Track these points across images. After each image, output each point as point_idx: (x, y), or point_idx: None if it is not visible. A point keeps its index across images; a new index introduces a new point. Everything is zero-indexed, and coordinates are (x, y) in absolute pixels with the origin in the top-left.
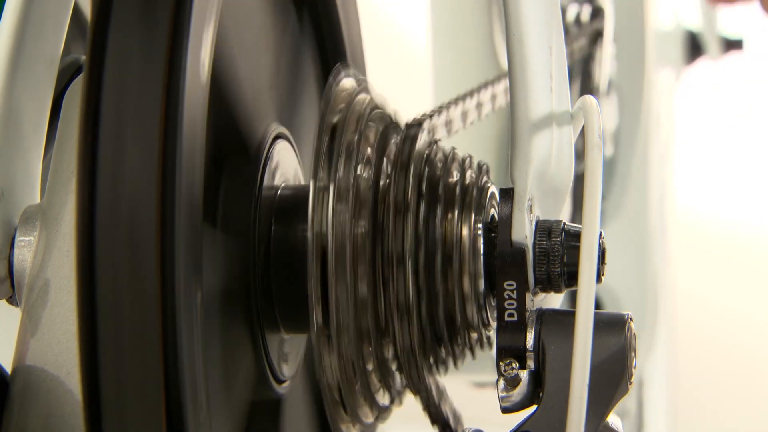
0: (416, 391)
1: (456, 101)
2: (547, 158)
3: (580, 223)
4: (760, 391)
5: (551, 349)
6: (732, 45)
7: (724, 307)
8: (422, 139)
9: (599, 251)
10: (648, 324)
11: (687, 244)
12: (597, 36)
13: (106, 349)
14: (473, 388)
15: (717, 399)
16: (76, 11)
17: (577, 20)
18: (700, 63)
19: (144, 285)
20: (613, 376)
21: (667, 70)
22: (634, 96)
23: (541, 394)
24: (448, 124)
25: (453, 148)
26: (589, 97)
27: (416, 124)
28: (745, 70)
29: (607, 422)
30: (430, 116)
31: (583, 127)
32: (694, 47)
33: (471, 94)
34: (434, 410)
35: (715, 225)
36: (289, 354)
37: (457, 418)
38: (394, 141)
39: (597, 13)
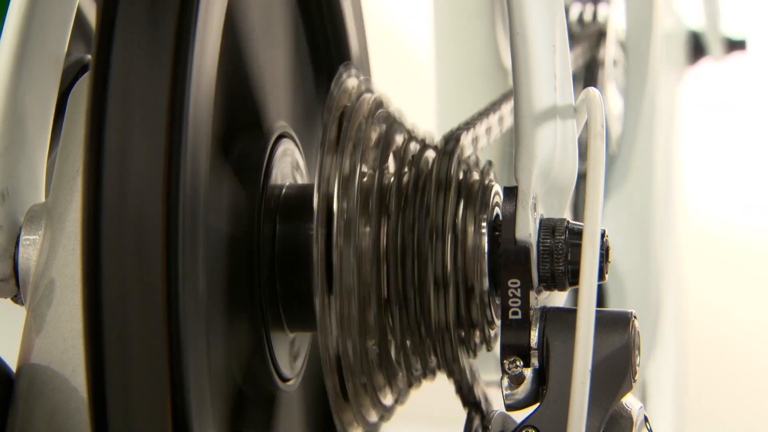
0: (450, 373)
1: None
2: (551, 157)
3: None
4: (762, 390)
5: (555, 345)
6: (735, 45)
7: (734, 310)
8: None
9: (603, 249)
10: (650, 322)
11: (693, 246)
12: (600, 36)
13: (111, 347)
14: None
15: (726, 402)
16: (77, 11)
17: (580, 20)
18: (704, 63)
19: (150, 284)
20: (616, 371)
21: (670, 70)
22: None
23: (544, 391)
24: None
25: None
26: (592, 89)
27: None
28: (749, 70)
29: (622, 403)
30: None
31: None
32: (697, 48)
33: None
34: (467, 392)
35: (720, 226)
36: (293, 352)
37: (488, 401)
38: (398, 138)
39: (600, 12)
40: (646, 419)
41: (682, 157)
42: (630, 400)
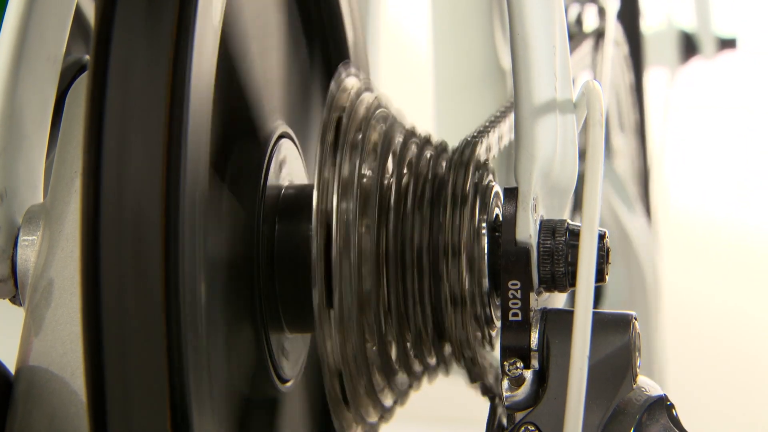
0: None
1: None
2: (551, 158)
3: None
4: (747, 383)
5: (555, 344)
6: (726, 44)
7: (711, 299)
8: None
9: (603, 251)
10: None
11: (679, 240)
12: (599, 37)
13: (110, 349)
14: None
15: (704, 390)
16: (77, 10)
17: (579, 21)
18: (695, 62)
19: (149, 285)
20: (616, 371)
21: (662, 69)
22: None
23: (541, 391)
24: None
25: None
26: (591, 81)
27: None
28: (739, 68)
29: (630, 398)
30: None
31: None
32: (688, 47)
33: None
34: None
35: (704, 220)
36: (292, 353)
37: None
38: (397, 139)
39: (599, 13)
40: (671, 406)
41: (669, 154)
42: (649, 387)
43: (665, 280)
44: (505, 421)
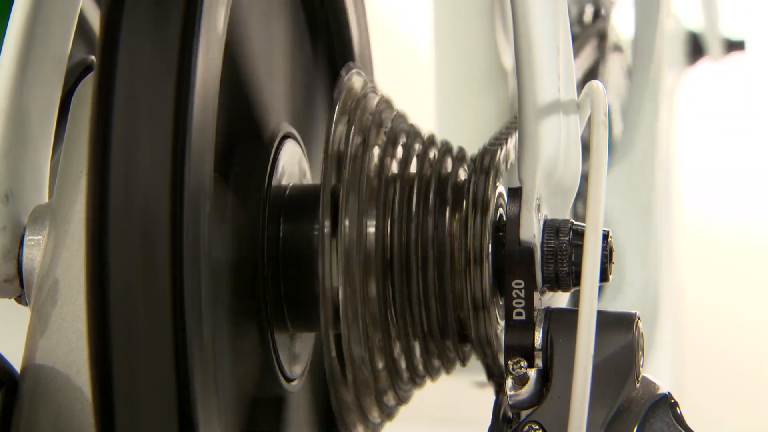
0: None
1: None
2: (554, 158)
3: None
4: (765, 393)
5: (559, 343)
6: (734, 46)
7: (731, 309)
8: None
9: (606, 250)
10: (649, 322)
11: (692, 246)
12: (601, 37)
13: (117, 348)
14: (475, 387)
15: (722, 401)
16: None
17: (580, 20)
18: (703, 64)
19: (155, 284)
20: (620, 370)
21: (669, 71)
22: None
23: (545, 390)
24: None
25: (461, 148)
26: (595, 82)
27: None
28: (748, 70)
29: (634, 396)
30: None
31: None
32: (696, 48)
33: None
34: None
35: (719, 226)
36: (297, 352)
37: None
38: (402, 140)
39: (600, 13)
40: (675, 404)
41: (679, 153)
42: (652, 385)
43: (680, 284)
44: (510, 413)
